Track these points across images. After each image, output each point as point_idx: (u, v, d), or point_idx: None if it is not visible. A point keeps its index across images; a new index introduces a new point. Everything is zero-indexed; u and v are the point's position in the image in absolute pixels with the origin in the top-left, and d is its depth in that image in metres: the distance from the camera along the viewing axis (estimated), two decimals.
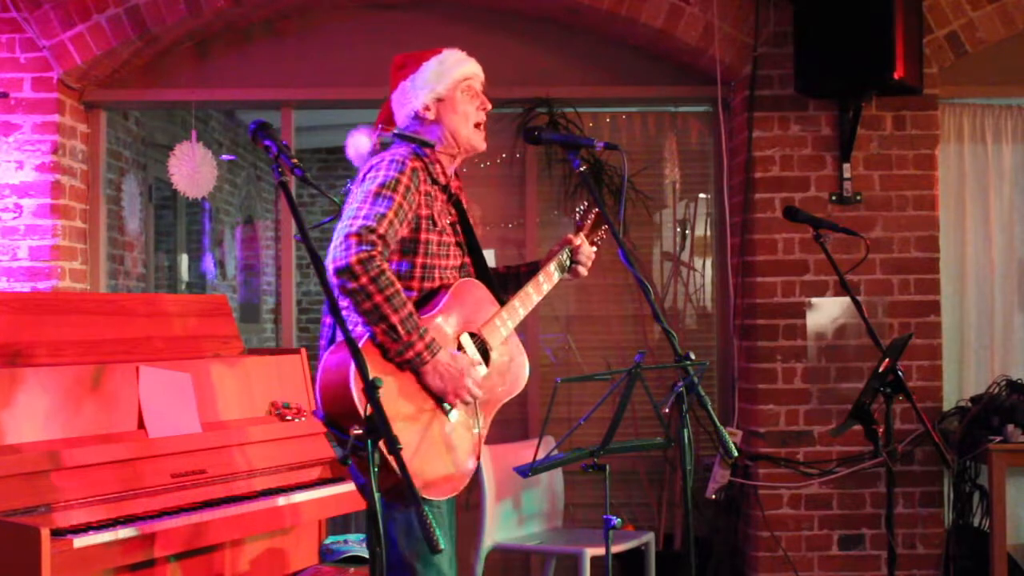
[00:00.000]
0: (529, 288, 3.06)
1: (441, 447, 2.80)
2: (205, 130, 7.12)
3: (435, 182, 2.93)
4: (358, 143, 3.05)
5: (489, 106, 3.04)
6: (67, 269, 5.16)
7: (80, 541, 2.92)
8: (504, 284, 3.16)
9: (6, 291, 4.83)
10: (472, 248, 3.06)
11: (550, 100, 5.34)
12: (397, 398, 2.73)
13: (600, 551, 4.31)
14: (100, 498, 3.17)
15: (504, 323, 2.97)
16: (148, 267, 6.41)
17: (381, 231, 2.73)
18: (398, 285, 2.72)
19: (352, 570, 3.84)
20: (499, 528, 4.67)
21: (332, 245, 2.72)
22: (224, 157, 7.66)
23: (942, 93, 5.20)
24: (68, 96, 5.19)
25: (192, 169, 5.32)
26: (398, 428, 2.63)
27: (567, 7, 5.24)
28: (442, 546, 2.26)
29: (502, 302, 3.03)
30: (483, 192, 5.43)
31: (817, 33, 4.86)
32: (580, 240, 3.21)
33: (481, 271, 3.06)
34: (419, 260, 2.89)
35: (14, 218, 5.08)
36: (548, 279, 3.11)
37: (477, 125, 3.02)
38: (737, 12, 5.16)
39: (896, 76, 4.72)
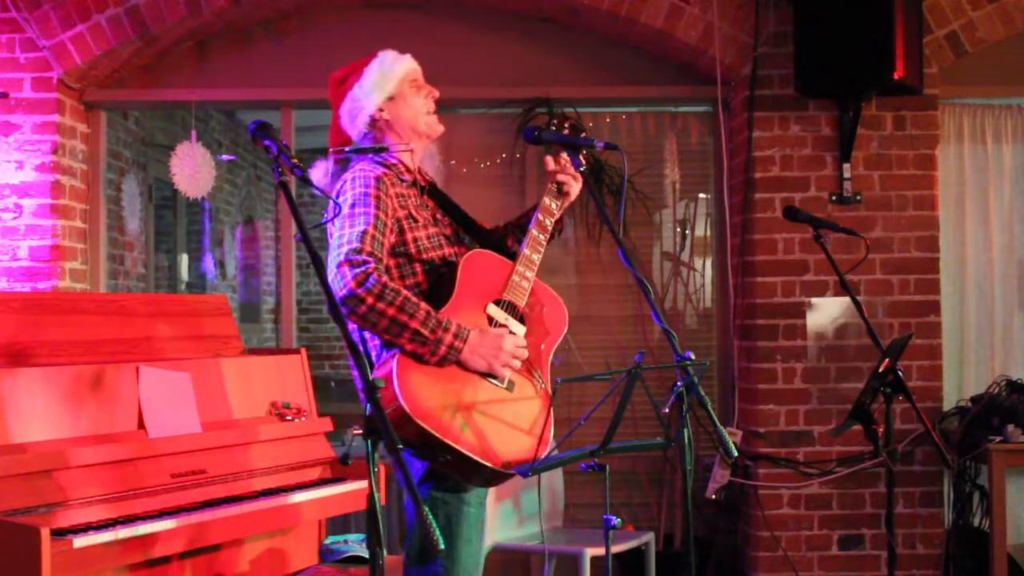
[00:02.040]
0: (534, 231, 3.03)
1: (512, 422, 2.85)
2: (205, 130, 7.12)
3: (403, 181, 2.97)
4: (320, 172, 3.09)
5: (437, 93, 3.09)
6: (67, 269, 5.16)
7: (80, 541, 2.92)
8: (503, 240, 3.17)
9: (6, 291, 4.83)
10: (465, 224, 3.08)
11: (550, 100, 5.34)
12: (453, 393, 2.76)
13: (600, 551, 4.31)
14: (100, 498, 3.16)
15: (523, 276, 2.97)
16: (148, 267, 6.41)
17: (368, 248, 2.76)
18: (405, 292, 2.75)
19: (352, 570, 3.84)
20: (499, 528, 4.67)
21: (329, 279, 2.73)
22: (224, 157, 7.66)
23: (942, 93, 5.20)
24: (68, 96, 5.19)
25: (193, 169, 5.32)
26: (464, 418, 2.72)
27: (567, 7, 5.24)
28: (442, 546, 2.26)
29: (513, 256, 3.03)
30: (483, 192, 5.42)
31: (817, 33, 4.86)
32: (552, 160, 3.12)
33: (483, 239, 3.09)
34: (415, 259, 2.92)
35: (14, 218, 5.08)
36: (548, 213, 3.07)
37: (429, 112, 3.07)
38: (737, 12, 5.16)
39: (896, 76, 4.72)
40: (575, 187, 3.11)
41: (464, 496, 2.89)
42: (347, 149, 3.02)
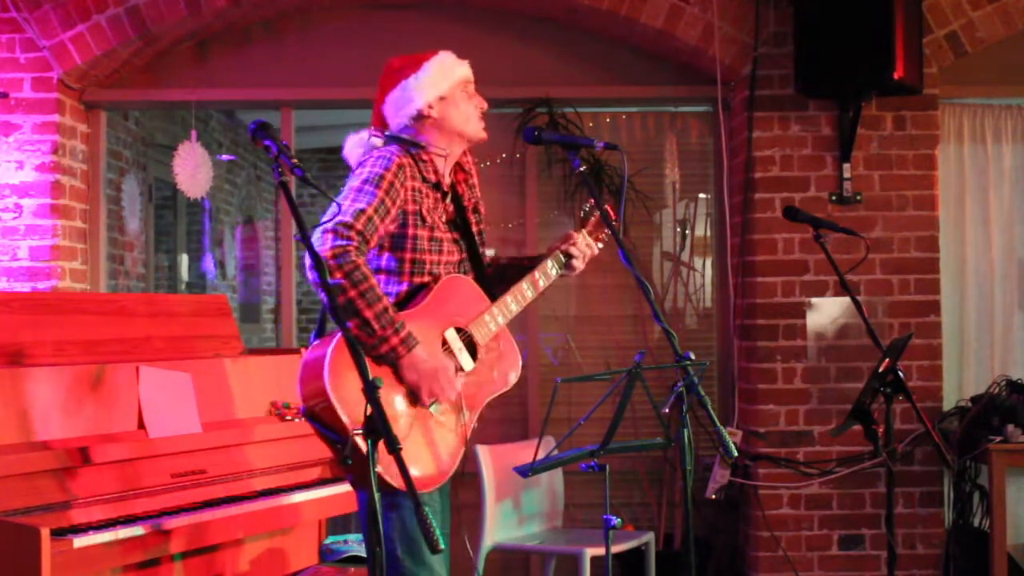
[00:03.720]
0: (524, 284, 3.05)
1: (421, 442, 2.80)
2: (205, 130, 7.12)
3: (425, 180, 2.96)
4: (353, 143, 3.09)
5: (485, 105, 3.09)
6: (67, 269, 5.16)
7: (80, 541, 2.92)
8: (504, 275, 3.15)
9: (6, 291, 4.83)
10: (469, 245, 3.07)
11: (550, 100, 5.34)
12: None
13: (600, 551, 4.31)
14: (100, 498, 3.17)
15: (494, 318, 2.97)
16: (148, 267, 6.41)
17: (359, 227, 2.77)
18: (373, 280, 2.75)
19: (352, 570, 3.84)
20: (499, 528, 4.67)
21: (312, 239, 2.73)
22: (224, 157, 7.66)
23: (942, 93, 5.20)
24: (68, 96, 5.19)
25: (194, 169, 5.33)
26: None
27: (567, 7, 5.24)
28: (442, 546, 2.26)
29: (495, 297, 3.03)
30: (483, 192, 5.39)
31: (817, 33, 4.85)
32: (579, 236, 3.19)
33: (477, 267, 3.08)
34: (407, 255, 2.91)
35: (14, 218, 5.08)
36: (544, 275, 3.10)
37: (479, 121, 3.07)
38: (737, 12, 5.16)
39: (896, 76, 4.72)
40: (579, 267, 3.17)
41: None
42: (387, 133, 3.02)
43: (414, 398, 2.80)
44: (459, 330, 2.92)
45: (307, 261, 2.67)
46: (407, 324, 2.78)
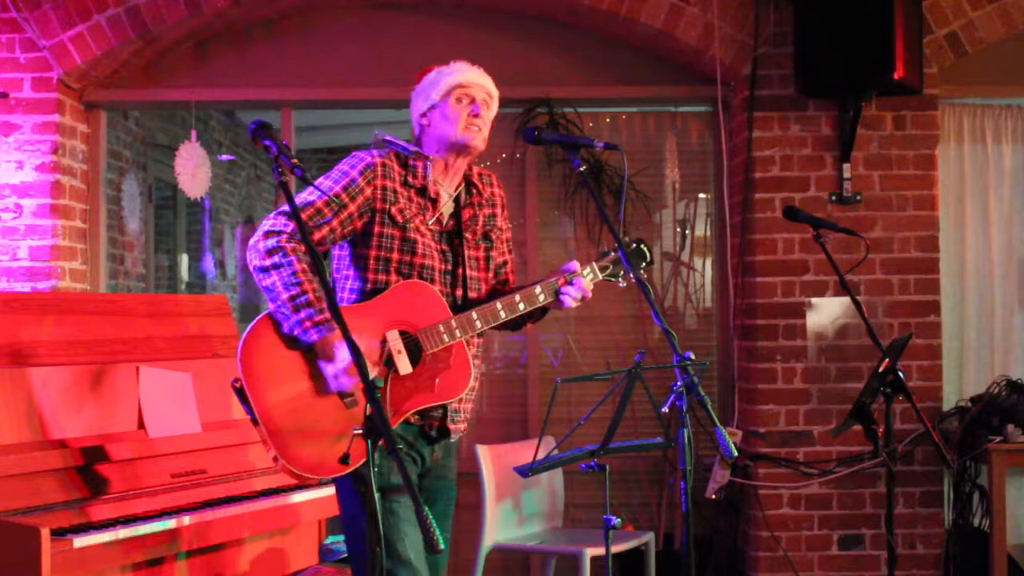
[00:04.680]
0: (498, 304, 2.96)
1: (325, 427, 2.78)
2: (205, 130, 7.12)
3: (407, 184, 2.97)
4: None
5: (480, 112, 3.01)
6: (67, 269, 5.16)
7: (80, 541, 2.92)
8: (494, 298, 3.05)
9: (6, 291, 4.83)
10: (456, 262, 3.02)
11: (550, 100, 5.34)
12: (290, 371, 2.77)
13: (600, 551, 4.31)
14: (100, 498, 3.17)
15: (451, 331, 2.89)
16: (148, 267, 6.40)
17: (304, 216, 2.82)
18: (298, 267, 2.79)
19: (352, 570, 3.84)
20: (499, 528, 4.67)
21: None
22: (224, 157, 7.66)
23: (942, 93, 5.20)
24: (68, 96, 5.19)
25: (194, 169, 5.33)
26: (279, 397, 2.73)
27: (567, 7, 5.24)
28: (442, 546, 2.26)
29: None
30: None
31: (817, 33, 4.85)
32: (583, 271, 3.08)
33: (465, 283, 3.02)
34: (372, 252, 2.93)
35: (14, 218, 5.08)
36: (527, 300, 2.99)
37: (468, 128, 2.99)
38: (737, 12, 5.16)
39: (896, 76, 4.72)
40: (569, 304, 3.06)
41: (390, 494, 2.84)
42: (387, 138, 3.07)
43: (324, 384, 2.80)
44: (404, 333, 2.89)
45: (251, 243, 2.82)
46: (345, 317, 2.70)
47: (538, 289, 3.01)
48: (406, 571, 2.84)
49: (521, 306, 2.99)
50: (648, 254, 3.23)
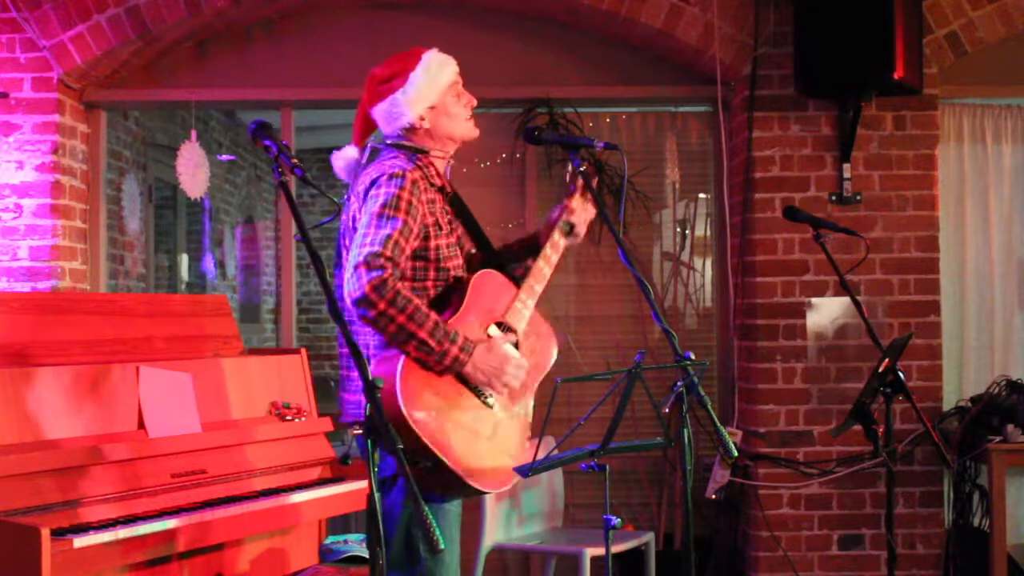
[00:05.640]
0: (540, 263, 3.06)
1: (491, 442, 2.89)
2: (205, 130, 7.12)
3: (432, 186, 2.97)
4: (346, 156, 3.09)
5: (475, 101, 3.10)
6: (67, 269, 5.16)
7: (80, 541, 2.92)
8: (516, 256, 3.19)
9: (6, 291, 4.83)
10: (477, 235, 3.09)
11: (550, 100, 5.34)
12: (448, 404, 2.81)
13: (600, 551, 4.31)
14: (100, 498, 3.17)
15: (524, 304, 3.01)
16: (148, 267, 6.41)
17: (388, 253, 2.76)
18: (416, 301, 2.76)
19: (352, 570, 3.84)
20: (499, 528, 4.67)
21: (344, 278, 2.78)
22: (224, 157, 7.66)
23: (942, 93, 5.20)
24: (68, 96, 5.19)
25: (195, 169, 5.33)
26: (453, 431, 2.78)
27: (567, 7, 5.24)
28: (442, 546, 2.26)
29: (515, 280, 3.06)
30: (483, 192, 5.42)
31: (817, 33, 4.85)
32: (574, 202, 3.17)
33: (489, 255, 3.10)
34: (432, 265, 2.93)
35: (14, 218, 5.08)
36: (556, 249, 3.11)
37: (469, 119, 3.09)
38: (737, 12, 5.16)
39: (896, 76, 4.72)
40: (583, 232, 3.17)
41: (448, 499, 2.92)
42: (386, 143, 3.03)
43: (476, 400, 2.87)
44: (499, 324, 2.96)
45: (349, 300, 2.73)
46: (458, 330, 2.81)
47: (556, 235, 3.12)
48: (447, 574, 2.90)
49: (554, 258, 3.11)
50: (591, 171, 3.28)
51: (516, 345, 2.98)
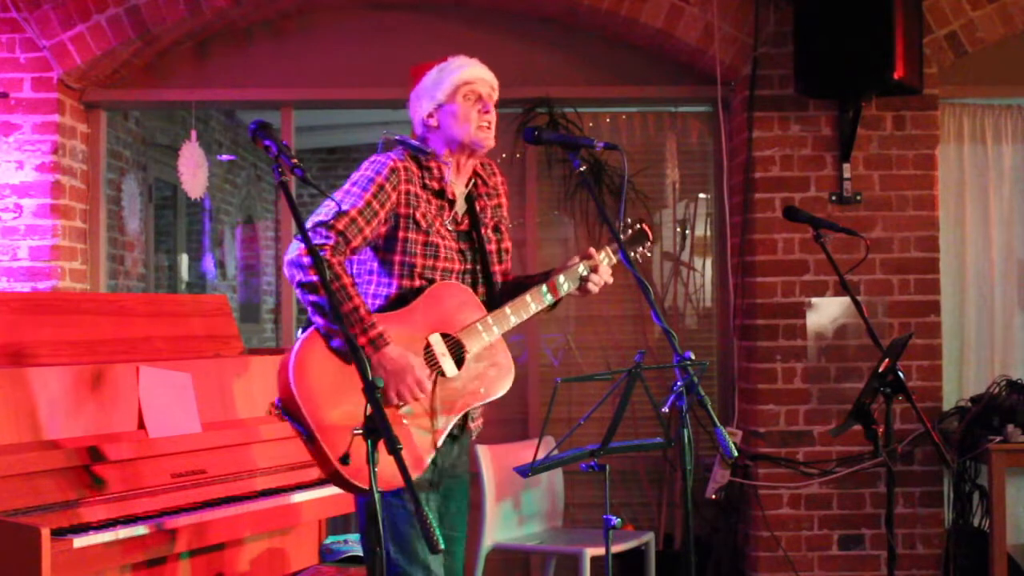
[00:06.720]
0: (527, 297, 3.01)
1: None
2: (205, 130, 7.12)
3: (426, 187, 2.95)
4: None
5: (492, 113, 3.01)
6: (67, 269, 5.16)
7: (80, 541, 2.92)
8: (513, 292, 3.09)
9: (6, 291, 4.83)
10: (481, 259, 3.04)
11: (550, 100, 5.34)
12: (346, 388, 2.68)
13: (600, 551, 4.31)
14: (100, 498, 3.17)
15: (488, 328, 2.93)
16: (148, 267, 6.41)
17: (340, 227, 2.79)
18: (346, 280, 2.76)
19: (352, 570, 3.84)
20: (499, 528, 4.67)
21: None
22: (224, 157, 7.66)
23: (942, 93, 5.20)
24: (68, 96, 5.19)
25: (195, 169, 5.34)
26: (341, 418, 2.67)
27: (567, 7, 5.24)
28: (442, 546, 2.26)
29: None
30: None
31: (817, 33, 4.85)
32: (599, 256, 3.13)
33: (487, 283, 3.05)
34: (397, 257, 2.91)
35: (14, 218, 5.08)
36: (552, 290, 3.05)
37: (481, 127, 2.99)
38: (737, 12, 5.16)
39: (896, 76, 4.72)
40: (593, 291, 3.13)
41: (404, 495, 2.82)
42: (397, 137, 3.04)
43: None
44: (446, 336, 2.90)
45: (285, 258, 2.75)
46: (382, 325, 2.78)
47: (562, 278, 3.06)
48: (422, 572, 2.84)
49: (548, 297, 3.05)
50: (648, 234, 3.29)
51: (460, 362, 2.90)
